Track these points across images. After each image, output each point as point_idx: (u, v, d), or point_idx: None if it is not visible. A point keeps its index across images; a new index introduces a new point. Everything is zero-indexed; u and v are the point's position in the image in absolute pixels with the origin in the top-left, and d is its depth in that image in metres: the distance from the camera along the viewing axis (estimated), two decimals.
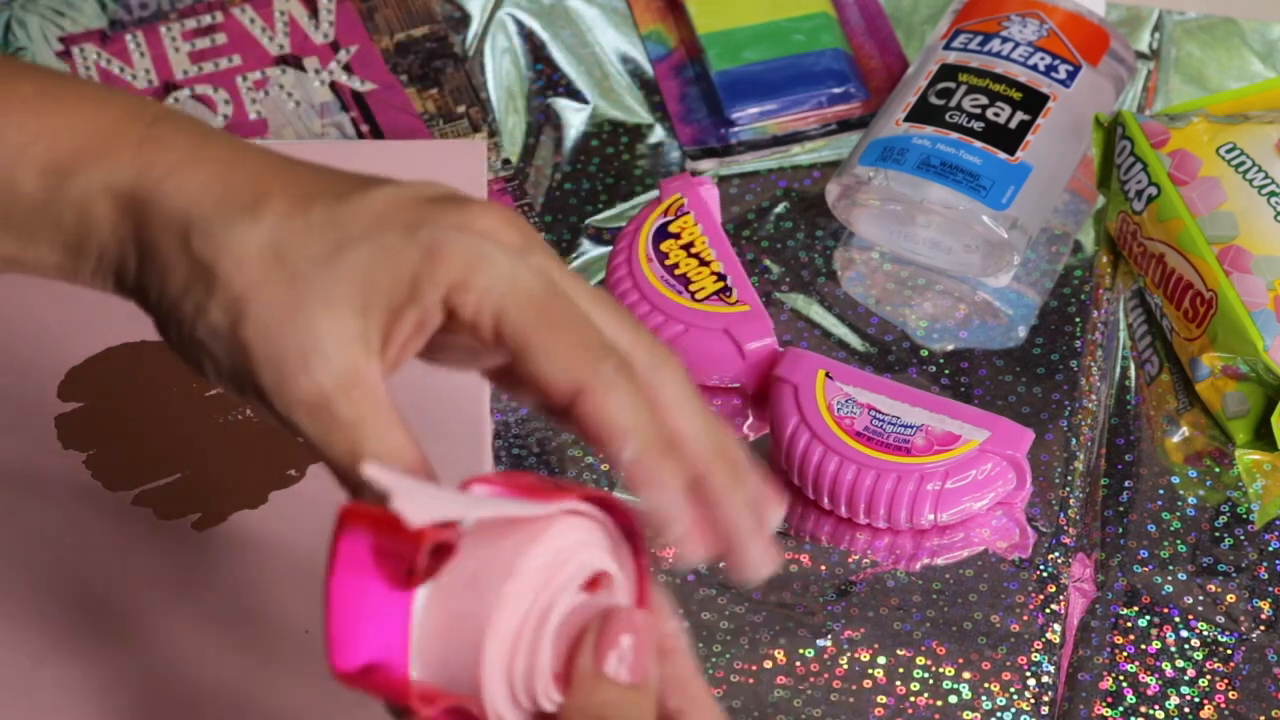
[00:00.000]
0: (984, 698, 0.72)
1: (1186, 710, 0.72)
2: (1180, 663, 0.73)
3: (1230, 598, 0.74)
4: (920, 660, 0.73)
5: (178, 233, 0.52)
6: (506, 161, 0.88)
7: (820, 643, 0.73)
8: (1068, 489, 0.78)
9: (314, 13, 0.93)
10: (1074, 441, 0.79)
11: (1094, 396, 0.80)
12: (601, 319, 0.52)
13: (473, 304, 0.51)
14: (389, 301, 0.51)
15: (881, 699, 0.72)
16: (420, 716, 0.50)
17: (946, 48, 0.85)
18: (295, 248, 0.51)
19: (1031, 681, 0.72)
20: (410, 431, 0.53)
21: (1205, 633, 0.74)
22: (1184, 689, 0.72)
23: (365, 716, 0.70)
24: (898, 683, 0.72)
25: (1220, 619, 0.74)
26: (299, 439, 0.52)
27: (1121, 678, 0.73)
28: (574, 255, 0.85)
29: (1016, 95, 0.82)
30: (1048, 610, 0.74)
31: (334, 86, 0.91)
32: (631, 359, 0.52)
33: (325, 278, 0.51)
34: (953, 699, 0.72)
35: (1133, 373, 0.81)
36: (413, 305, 0.51)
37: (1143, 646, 0.73)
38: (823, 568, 0.75)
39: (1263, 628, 0.74)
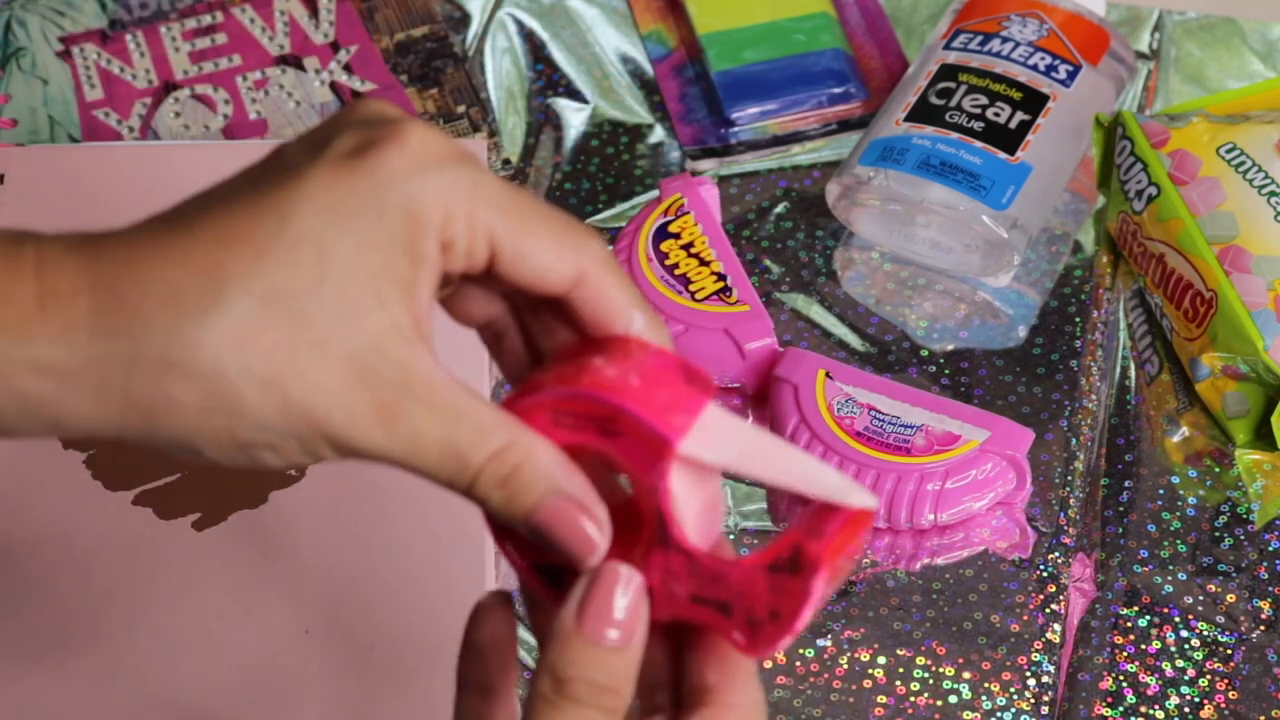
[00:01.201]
0: (984, 698, 0.72)
1: (1186, 710, 0.72)
2: (1180, 663, 0.73)
3: (1230, 598, 0.74)
4: (920, 660, 0.73)
5: (157, 369, 0.48)
6: (506, 161, 0.88)
7: (820, 643, 0.73)
8: (1068, 489, 0.78)
9: (314, 13, 0.93)
10: (1074, 441, 0.79)
11: (1094, 396, 0.80)
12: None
13: (464, 232, 0.49)
14: (399, 281, 0.49)
15: (881, 699, 0.72)
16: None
17: (946, 48, 0.85)
18: (283, 301, 0.48)
19: (1031, 681, 0.73)
20: (478, 395, 0.51)
21: (1205, 633, 0.74)
22: (1184, 689, 0.72)
23: (365, 716, 0.70)
24: (898, 683, 0.72)
25: (1220, 619, 0.74)
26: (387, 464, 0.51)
27: (1121, 678, 0.73)
28: None
29: (1016, 95, 0.82)
30: (1048, 610, 0.74)
31: (334, 86, 0.91)
32: None
33: (330, 303, 0.48)
34: (953, 699, 0.72)
35: (1133, 373, 0.81)
36: (419, 267, 0.49)
37: (1143, 646, 0.73)
38: None
39: (1263, 628, 0.74)
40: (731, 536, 0.75)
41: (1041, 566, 0.75)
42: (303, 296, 0.47)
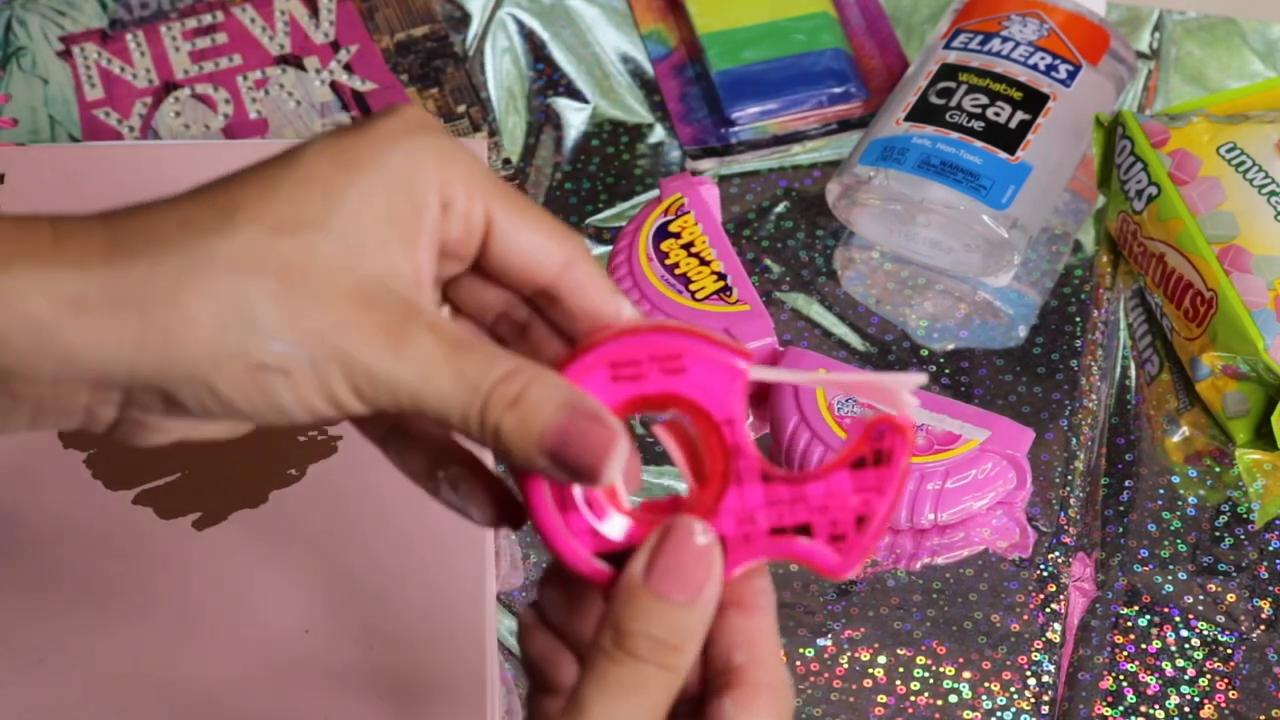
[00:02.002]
0: (984, 697, 0.72)
1: (1186, 710, 0.72)
2: (1180, 662, 0.73)
3: (1230, 597, 0.75)
4: (920, 660, 0.73)
5: (173, 284, 0.48)
6: (507, 161, 0.88)
7: (820, 642, 0.73)
8: (1068, 488, 0.78)
9: (314, 12, 0.93)
10: (1074, 441, 0.79)
11: (1094, 396, 0.80)
12: None
13: (462, 194, 0.50)
14: (402, 227, 0.50)
15: (881, 698, 0.72)
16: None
17: (947, 47, 0.85)
18: (293, 230, 0.49)
19: (1031, 681, 0.73)
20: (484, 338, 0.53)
21: (1205, 632, 0.74)
22: (1184, 688, 0.72)
23: (365, 716, 0.70)
24: (898, 682, 0.72)
25: (1220, 618, 0.74)
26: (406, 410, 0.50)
27: (1122, 677, 0.73)
28: None
29: (1017, 95, 0.82)
30: (1048, 610, 0.74)
31: (334, 86, 0.91)
32: None
33: (337, 237, 0.49)
34: (953, 698, 0.72)
35: (1133, 372, 0.81)
36: (421, 216, 0.50)
37: (1143, 646, 0.73)
38: None
39: (1263, 627, 0.74)
40: None
41: (1041, 566, 0.75)
42: (310, 228, 0.48)
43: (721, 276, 0.80)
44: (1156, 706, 0.72)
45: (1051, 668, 0.73)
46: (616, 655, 0.49)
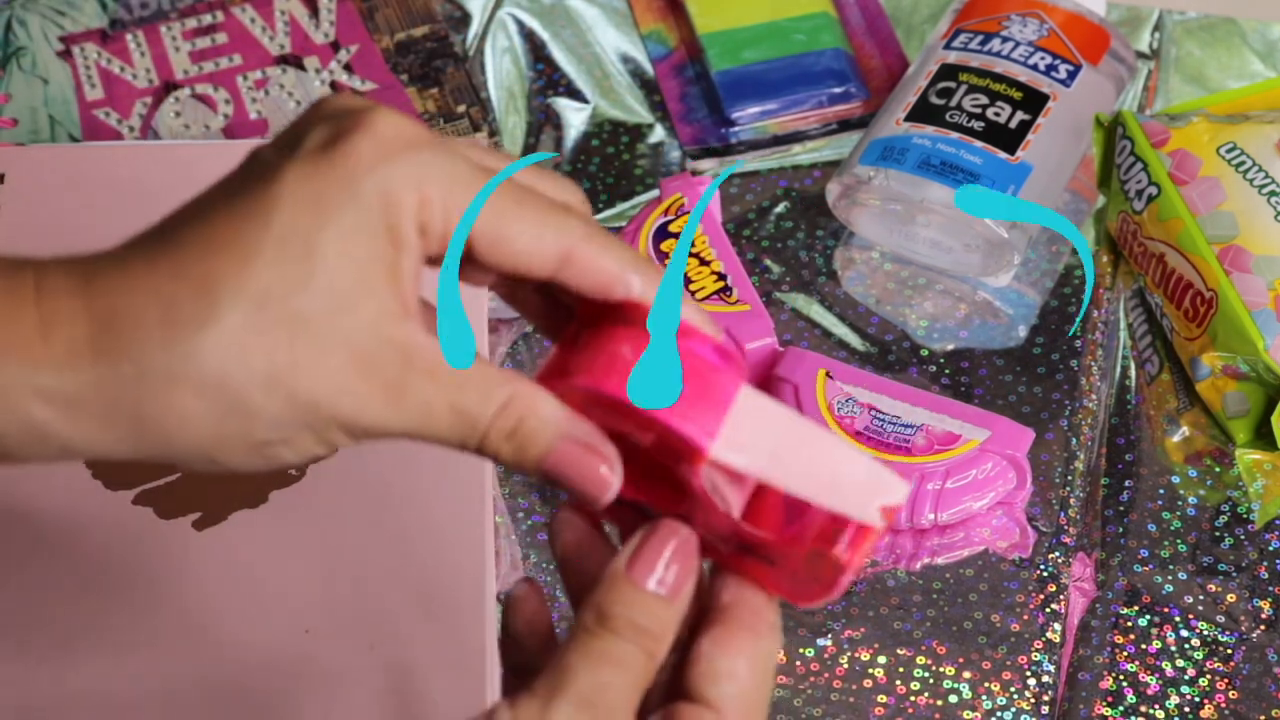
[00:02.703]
0: (984, 697, 0.72)
1: (1186, 710, 0.72)
2: (1180, 662, 0.73)
3: (1230, 597, 0.74)
4: (920, 660, 0.73)
5: (163, 385, 0.48)
6: None
7: (820, 642, 0.73)
8: (1068, 488, 0.78)
9: (314, 12, 0.93)
10: (1074, 441, 0.79)
11: (1094, 396, 0.80)
12: (518, 177, 0.53)
13: (439, 216, 0.50)
14: (383, 265, 0.49)
15: (881, 698, 0.72)
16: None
17: (947, 47, 0.85)
18: (277, 301, 0.48)
19: (1031, 681, 0.73)
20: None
21: (1205, 632, 0.74)
22: (1184, 688, 0.72)
23: (365, 716, 0.70)
24: (898, 682, 0.72)
25: (1220, 618, 0.74)
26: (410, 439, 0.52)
27: (1122, 677, 0.73)
28: None
29: (1017, 95, 0.82)
30: (1048, 610, 0.74)
31: (334, 86, 0.91)
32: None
33: (322, 296, 0.49)
34: (953, 698, 0.72)
35: (1133, 372, 0.81)
36: (401, 250, 0.50)
37: (1143, 646, 0.73)
38: None
39: (1263, 627, 0.74)
40: None
41: (1041, 566, 0.75)
42: (294, 293, 0.48)
43: (721, 276, 0.80)
44: (1156, 706, 0.72)
45: (1051, 668, 0.73)
46: (598, 632, 0.50)
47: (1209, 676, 0.73)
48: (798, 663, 0.73)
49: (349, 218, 0.49)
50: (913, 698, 0.72)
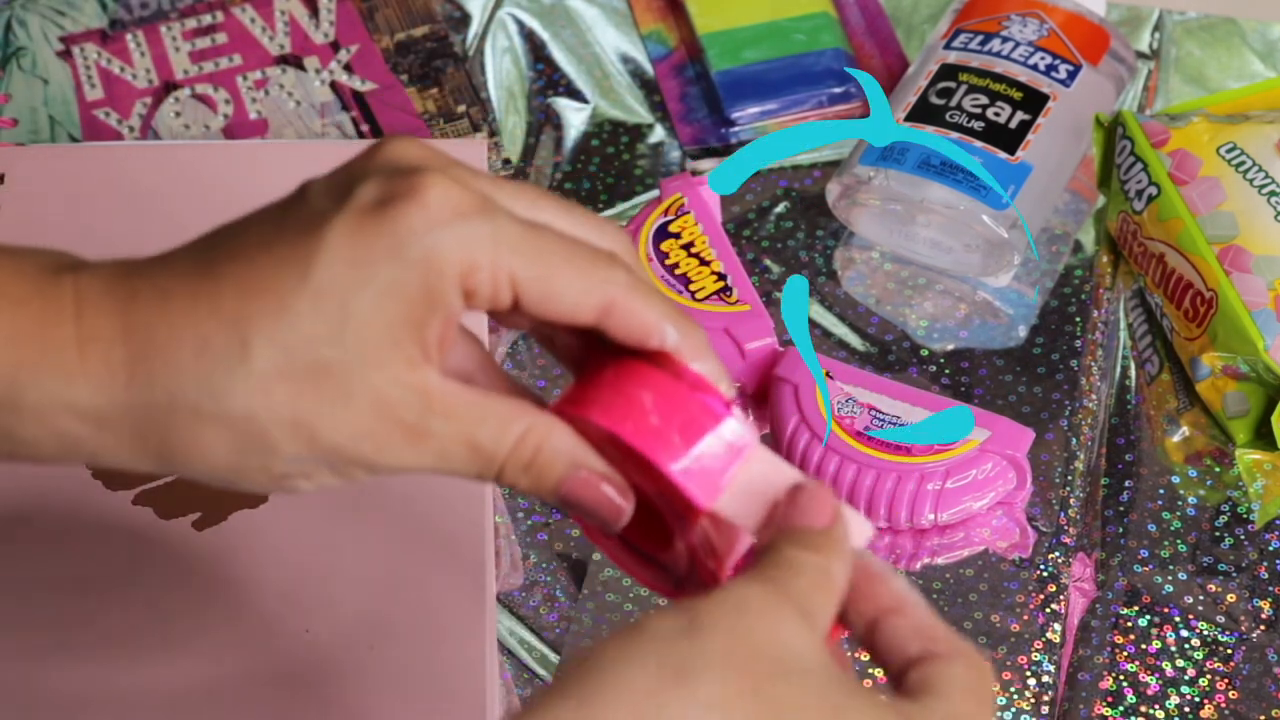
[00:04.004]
0: None
1: (1186, 710, 0.72)
2: (1180, 662, 0.73)
3: (1230, 597, 0.74)
4: None
5: (191, 418, 0.51)
6: (507, 161, 0.88)
7: None
8: (1068, 489, 0.78)
9: (314, 12, 0.93)
10: (1074, 441, 0.79)
11: (1094, 396, 0.80)
12: (566, 225, 0.54)
13: (487, 281, 0.51)
14: (412, 323, 0.51)
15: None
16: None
17: (947, 47, 0.85)
18: (306, 350, 0.50)
19: (1031, 681, 0.73)
20: (502, 390, 0.54)
21: (1205, 632, 0.74)
22: (1184, 689, 0.72)
23: (365, 716, 0.70)
24: None
25: (1220, 619, 0.74)
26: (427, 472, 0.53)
27: (1122, 677, 0.73)
28: None
29: (1017, 95, 0.82)
30: (1048, 610, 0.74)
31: (334, 86, 0.91)
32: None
33: (351, 350, 0.50)
34: None
35: (1133, 372, 0.81)
36: (434, 311, 0.51)
37: (1143, 646, 0.73)
38: None
39: (1263, 627, 0.74)
40: None
41: (1041, 566, 0.75)
42: (324, 344, 0.50)
43: (721, 276, 0.80)
44: (1156, 707, 0.72)
45: (1051, 668, 0.73)
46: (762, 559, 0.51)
47: (1209, 676, 0.73)
48: None
49: (386, 279, 0.50)
50: None
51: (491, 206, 0.52)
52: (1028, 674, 0.73)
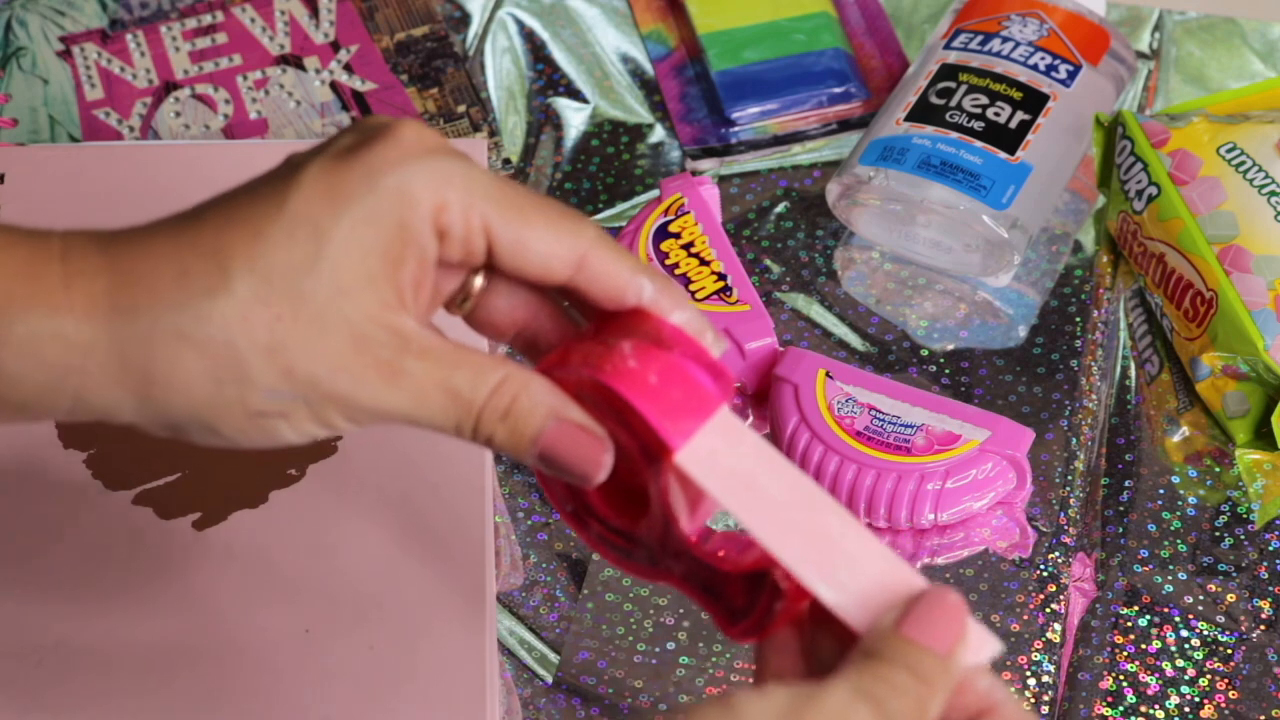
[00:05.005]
0: None
1: (1186, 710, 0.72)
2: (1180, 662, 0.73)
3: (1230, 597, 0.75)
4: None
5: (172, 341, 0.51)
6: (507, 161, 0.88)
7: None
8: (1068, 489, 0.78)
9: (314, 12, 0.93)
10: (1074, 441, 0.79)
11: (1094, 396, 0.80)
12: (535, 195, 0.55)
13: (459, 221, 0.52)
14: (388, 259, 0.52)
15: None
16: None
17: (947, 47, 0.85)
18: (282, 278, 0.51)
19: (1031, 681, 0.73)
20: (467, 346, 0.54)
21: (1205, 632, 0.74)
22: (1184, 688, 0.72)
23: (365, 716, 0.70)
24: None
25: (1220, 619, 0.74)
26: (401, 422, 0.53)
27: (1122, 677, 0.73)
28: None
29: (1017, 95, 0.82)
30: (1048, 610, 0.74)
31: (334, 86, 0.91)
32: None
33: (326, 278, 0.51)
34: None
35: (1133, 372, 0.81)
36: (408, 247, 0.52)
37: (1143, 646, 0.73)
38: None
39: (1263, 627, 0.74)
40: None
41: (1041, 566, 0.75)
42: (300, 272, 0.51)
43: (721, 276, 0.80)
44: (1156, 707, 0.72)
45: (1051, 668, 0.73)
46: (869, 665, 0.50)
47: (1209, 676, 0.73)
48: None
49: (361, 209, 0.51)
50: None
51: (462, 153, 0.53)
52: (1028, 674, 0.73)
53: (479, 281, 0.55)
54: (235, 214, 0.52)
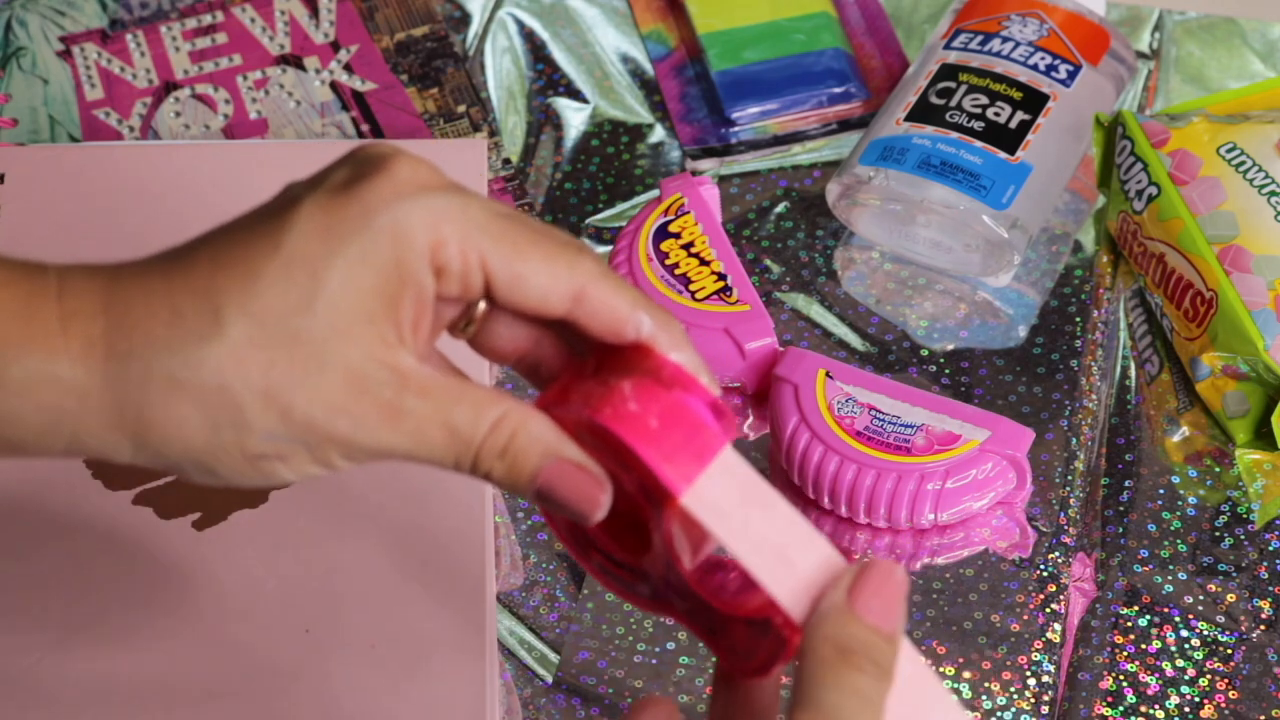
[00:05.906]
0: (984, 697, 0.72)
1: (1186, 710, 0.72)
2: (1180, 662, 0.73)
3: (1230, 597, 0.74)
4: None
5: (166, 388, 0.50)
6: (507, 161, 0.88)
7: None
8: (1068, 489, 0.78)
9: (314, 12, 0.93)
10: (1074, 441, 0.79)
11: (1094, 396, 0.80)
12: (532, 223, 0.54)
13: (456, 257, 0.52)
14: (385, 298, 0.51)
15: None
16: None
17: (947, 47, 0.85)
18: (277, 320, 0.50)
19: (1031, 681, 0.73)
20: (466, 379, 0.54)
21: (1205, 632, 0.74)
22: (1184, 688, 0.72)
23: (365, 716, 0.70)
24: None
25: (1220, 619, 0.74)
26: (401, 459, 0.53)
27: (1122, 677, 0.73)
28: None
29: (1017, 95, 0.82)
30: (1048, 610, 0.74)
31: (334, 86, 0.91)
32: None
33: (323, 319, 0.50)
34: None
35: (1133, 372, 0.81)
36: (405, 286, 0.51)
37: (1143, 646, 0.73)
38: None
39: (1263, 627, 0.74)
40: None
41: (1041, 566, 0.75)
42: (295, 314, 0.50)
43: (721, 276, 0.80)
44: (1156, 706, 0.72)
45: (1051, 668, 0.73)
46: (843, 668, 0.49)
47: (1209, 676, 0.73)
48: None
49: (356, 248, 0.51)
50: None
51: (460, 188, 0.52)
52: (1028, 674, 0.73)
53: (482, 307, 0.54)
54: (230, 252, 0.51)
